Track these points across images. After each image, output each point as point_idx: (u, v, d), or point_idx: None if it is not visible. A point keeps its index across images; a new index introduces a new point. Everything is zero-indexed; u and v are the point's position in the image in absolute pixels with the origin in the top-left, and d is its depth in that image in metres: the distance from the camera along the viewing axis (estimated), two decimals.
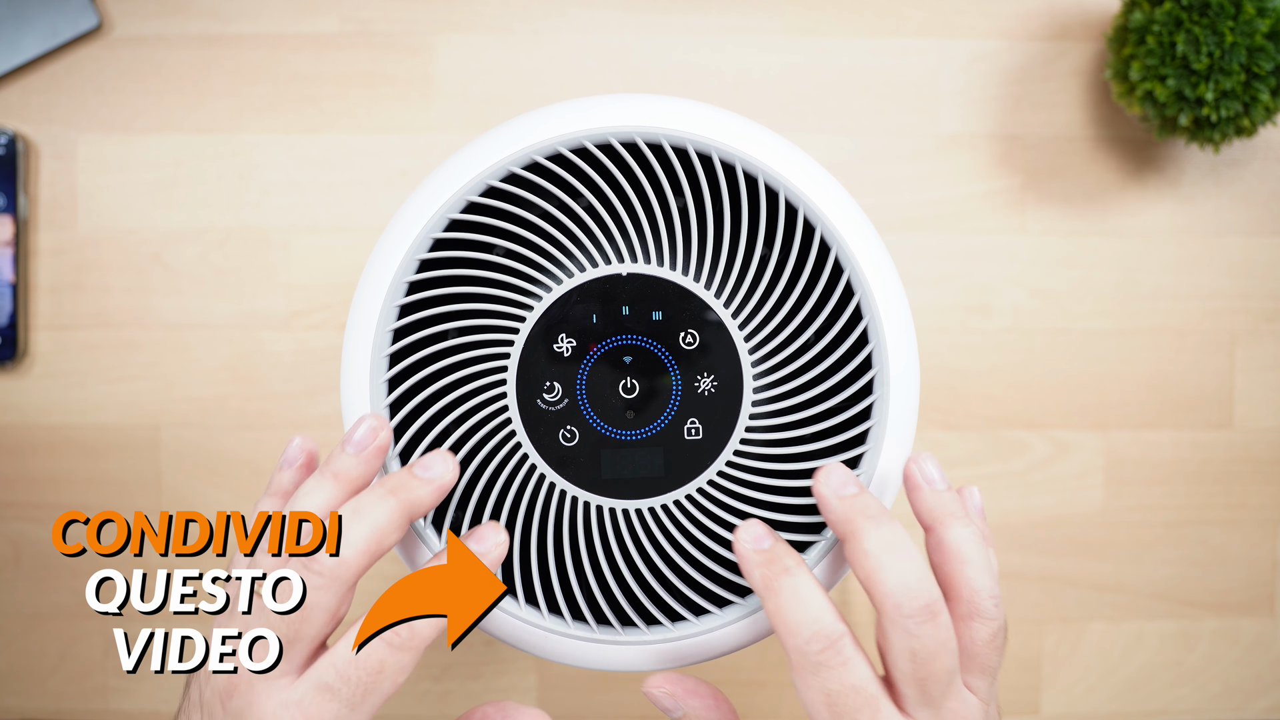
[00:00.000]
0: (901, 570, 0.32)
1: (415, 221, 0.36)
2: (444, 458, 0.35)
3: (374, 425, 0.35)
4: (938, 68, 0.58)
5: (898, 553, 0.32)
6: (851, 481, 0.34)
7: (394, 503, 0.33)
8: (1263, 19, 0.50)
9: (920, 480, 0.35)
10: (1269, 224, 0.59)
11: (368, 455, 0.35)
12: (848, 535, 0.33)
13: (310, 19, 0.58)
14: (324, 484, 0.34)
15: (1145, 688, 0.60)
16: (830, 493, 0.34)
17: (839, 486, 0.34)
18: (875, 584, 0.32)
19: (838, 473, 0.34)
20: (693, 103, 0.37)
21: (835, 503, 0.34)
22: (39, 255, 0.58)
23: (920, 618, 0.31)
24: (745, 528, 0.34)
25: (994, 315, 0.59)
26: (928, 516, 0.35)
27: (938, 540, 0.34)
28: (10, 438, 0.58)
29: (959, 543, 0.34)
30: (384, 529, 0.33)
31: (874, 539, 0.32)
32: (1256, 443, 0.59)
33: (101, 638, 0.58)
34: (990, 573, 0.34)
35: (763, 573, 0.33)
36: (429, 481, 0.34)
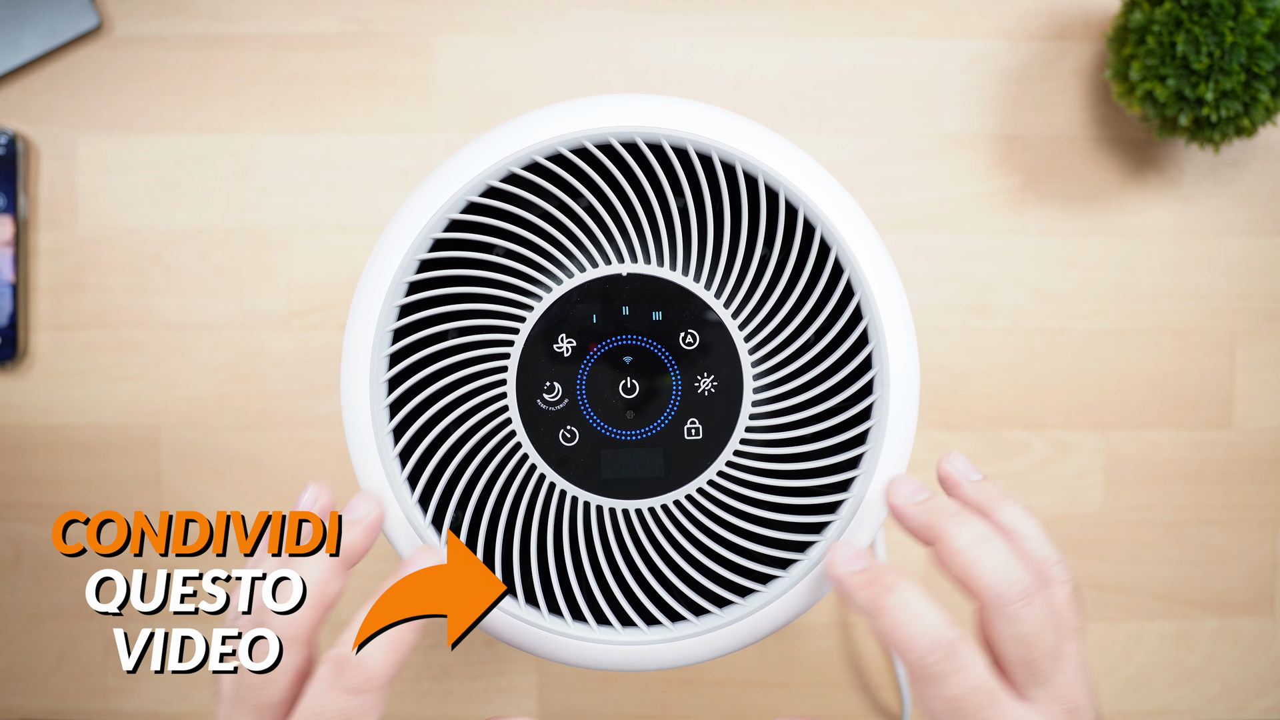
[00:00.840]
0: (994, 561, 0.33)
1: (415, 221, 0.36)
2: (365, 499, 0.35)
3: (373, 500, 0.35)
4: (938, 68, 0.58)
5: (986, 544, 0.33)
6: (921, 488, 0.35)
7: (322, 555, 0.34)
8: (1263, 19, 0.50)
9: (958, 478, 0.37)
10: (1269, 224, 0.59)
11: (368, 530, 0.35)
12: (934, 539, 0.34)
13: (310, 19, 0.58)
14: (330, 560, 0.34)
15: (1145, 688, 0.60)
16: (904, 502, 0.35)
17: (911, 495, 0.35)
18: (973, 578, 0.33)
19: (906, 483, 0.35)
20: (693, 103, 0.37)
21: (913, 510, 0.35)
22: (39, 255, 0.58)
23: (1022, 602, 0.32)
24: (837, 551, 0.34)
25: (994, 315, 0.59)
26: (974, 508, 0.36)
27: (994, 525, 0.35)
28: (10, 438, 0.58)
29: (1014, 521, 0.35)
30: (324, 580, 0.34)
31: (961, 537, 0.33)
32: (1256, 443, 0.59)
33: (101, 638, 0.58)
34: (1047, 540, 0.35)
35: (868, 594, 0.33)
36: (355, 524, 0.35)
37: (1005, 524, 0.35)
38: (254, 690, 0.33)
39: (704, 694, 0.59)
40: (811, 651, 0.59)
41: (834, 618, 0.59)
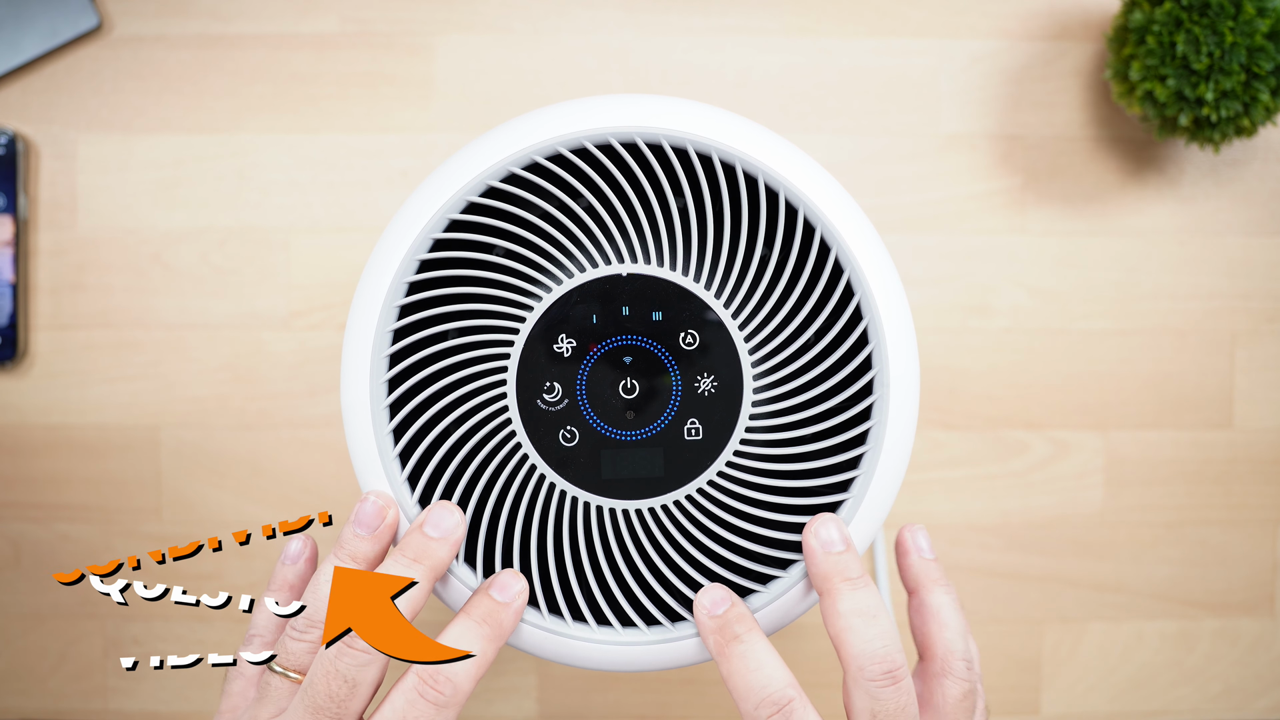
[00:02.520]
0: (869, 636, 0.34)
1: (415, 222, 0.36)
2: (449, 511, 0.35)
3: (379, 504, 0.36)
4: (938, 68, 0.58)
5: (869, 619, 0.34)
6: (840, 540, 0.35)
7: (420, 570, 0.34)
8: (1263, 19, 0.50)
9: (911, 547, 0.38)
10: (1269, 224, 0.59)
11: (380, 534, 0.35)
12: (824, 592, 0.35)
13: (310, 19, 0.58)
14: None
15: (1145, 688, 0.60)
16: (819, 546, 0.35)
17: (827, 542, 0.35)
18: (843, 644, 0.34)
19: (829, 527, 0.35)
20: (693, 103, 0.37)
21: (820, 558, 0.35)
22: (39, 255, 0.58)
23: (883, 682, 0.33)
24: (703, 593, 0.35)
25: (994, 315, 0.59)
26: (913, 580, 0.38)
27: (920, 602, 0.37)
28: (10, 438, 0.58)
29: (939, 606, 0.37)
30: (416, 598, 0.34)
31: (848, 601, 0.34)
32: (1256, 443, 0.59)
33: (101, 638, 0.58)
34: (966, 638, 0.36)
35: (715, 640, 0.35)
36: (443, 540, 0.35)
37: (931, 606, 0.37)
38: (337, 700, 0.33)
39: (704, 694, 0.59)
40: (811, 651, 0.59)
41: None
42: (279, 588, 0.37)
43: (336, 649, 0.33)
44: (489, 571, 0.37)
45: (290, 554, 0.37)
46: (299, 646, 0.34)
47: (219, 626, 0.58)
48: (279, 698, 0.34)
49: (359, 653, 0.32)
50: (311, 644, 0.34)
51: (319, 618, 0.34)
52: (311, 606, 0.34)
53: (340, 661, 0.32)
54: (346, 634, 0.32)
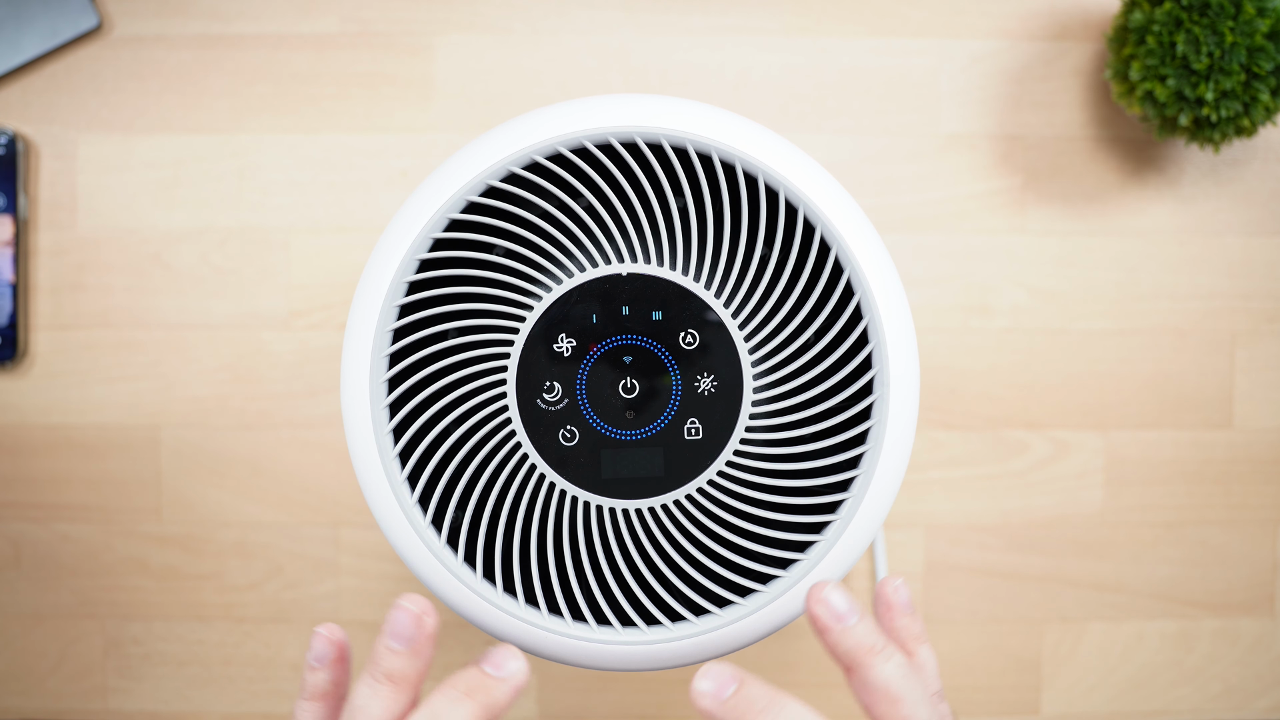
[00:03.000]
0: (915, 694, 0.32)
1: (415, 221, 0.36)
2: (513, 655, 0.32)
3: (414, 612, 0.32)
4: (938, 68, 0.58)
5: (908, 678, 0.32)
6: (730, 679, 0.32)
7: (472, 707, 0.31)
8: (1263, 19, 0.50)
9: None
10: (1269, 224, 0.59)
11: (419, 647, 0.32)
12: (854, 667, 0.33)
13: (310, 19, 0.58)
14: (379, 690, 0.31)
15: (1145, 688, 0.60)
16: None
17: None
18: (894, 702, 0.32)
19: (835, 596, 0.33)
20: (693, 103, 0.37)
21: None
22: (39, 255, 0.58)
23: None
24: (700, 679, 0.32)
25: (994, 315, 0.59)
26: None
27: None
28: (10, 438, 0.58)
29: (885, 681, 0.32)
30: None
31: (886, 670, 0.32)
32: (1256, 443, 0.59)
33: (101, 638, 0.58)
34: (925, 700, 0.32)
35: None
36: (504, 681, 0.31)
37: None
38: None
39: None
40: (811, 651, 0.59)
41: None
42: (312, 696, 0.33)
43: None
44: (489, 572, 0.37)
45: (317, 654, 0.33)
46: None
47: (219, 627, 0.58)
48: None
49: None
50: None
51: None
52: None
53: None
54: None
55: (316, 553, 0.58)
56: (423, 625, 0.32)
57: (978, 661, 0.59)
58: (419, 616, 0.32)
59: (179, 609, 0.58)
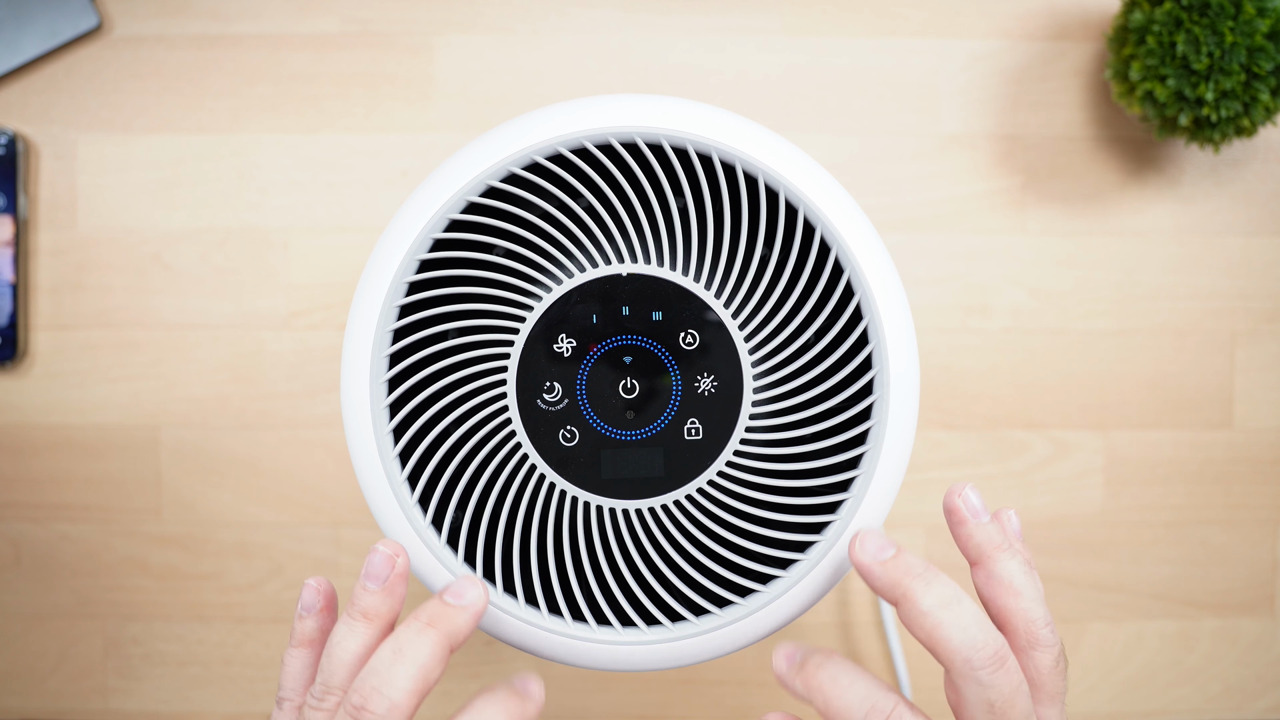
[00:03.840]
0: (964, 625, 0.32)
1: (415, 222, 0.36)
2: (473, 583, 0.34)
3: (388, 554, 0.34)
4: (938, 68, 0.58)
5: (955, 607, 0.32)
6: (888, 544, 0.34)
7: (434, 636, 0.32)
8: (1263, 19, 0.50)
9: (966, 514, 0.35)
10: (1269, 224, 0.59)
11: (391, 586, 0.34)
12: (899, 599, 0.33)
13: (310, 19, 0.58)
14: (355, 627, 0.33)
15: (1145, 688, 0.60)
16: (870, 559, 0.33)
17: (876, 551, 0.34)
18: (940, 642, 0.32)
19: (872, 538, 0.34)
20: (693, 103, 0.37)
21: (878, 569, 0.33)
22: (39, 255, 0.58)
23: (991, 667, 0.31)
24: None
25: (994, 315, 0.59)
26: (975, 551, 0.35)
27: (987, 574, 0.34)
28: (10, 438, 0.58)
29: (1010, 575, 0.34)
30: (428, 666, 0.32)
31: (928, 598, 0.32)
32: (1256, 443, 0.59)
33: (101, 638, 0.58)
34: (1042, 600, 0.34)
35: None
36: (464, 609, 0.33)
37: (1001, 576, 0.34)
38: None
39: (704, 694, 0.59)
40: None
41: (834, 618, 0.59)
42: (300, 643, 0.35)
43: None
44: (489, 572, 0.37)
45: (305, 603, 0.36)
46: (317, 717, 0.33)
47: (219, 627, 0.58)
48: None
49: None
50: (329, 713, 0.33)
51: (334, 683, 0.33)
52: (325, 672, 0.33)
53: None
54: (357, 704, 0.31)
55: (316, 553, 0.58)
56: (395, 565, 0.34)
57: None
58: (392, 557, 0.34)
59: (179, 609, 0.58)
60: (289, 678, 0.35)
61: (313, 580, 0.36)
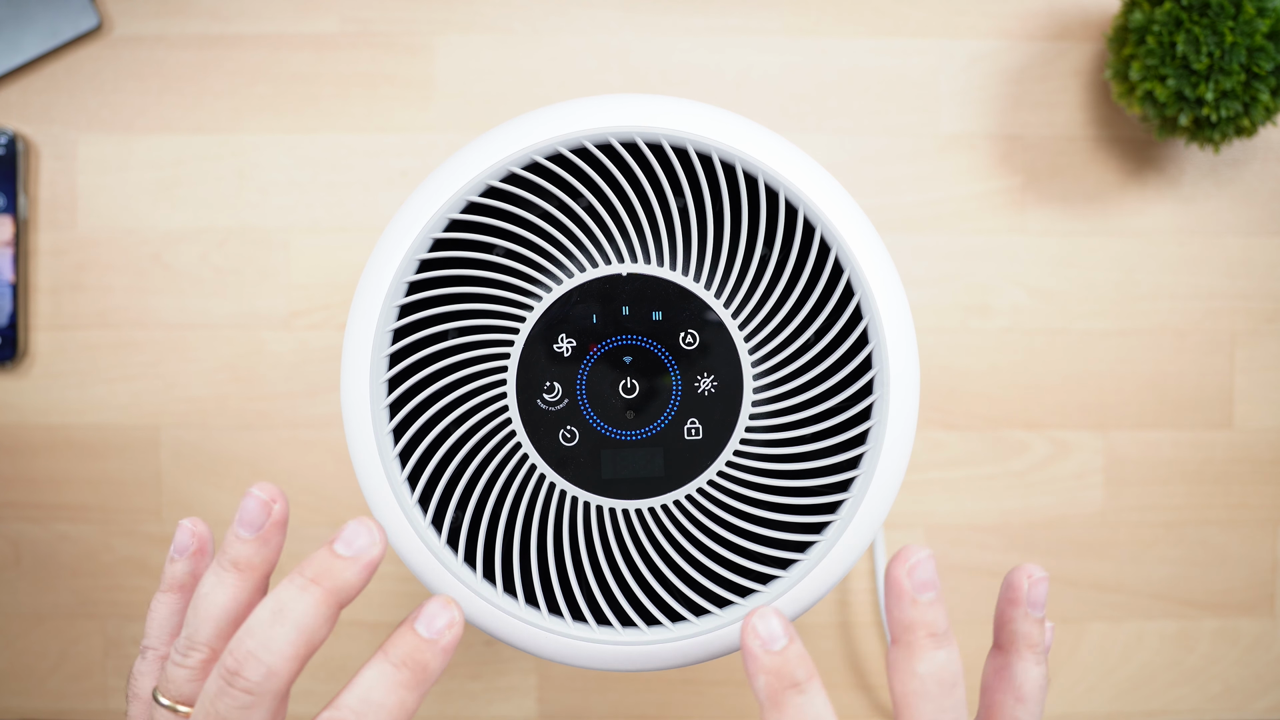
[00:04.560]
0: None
1: (415, 222, 0.36)
2: (367, 528, 0.30)
3: (263, 498, 0.31)
4: (938, 68, 0.58)
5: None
6: (783, 633, 0.30)
7: (318, 593, 0.29)
8: (1263, 19, 0.50)
9: (1024, 599, 0.33)
10: (1269, 224, 0.59)
11: (266, 535, 0.31)
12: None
13: (310, 19, 0.58)
14: (225, 577, 0.30)
15: (1145, 688, 0.60)
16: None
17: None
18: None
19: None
20: (693, 103, 0.37)
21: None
22: (39, 255, 0.58)
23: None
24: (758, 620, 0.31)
25: (994, 315, 0.59)
26: (1009, 637, 0.33)
27: (1005, 664, 0.33)
28: (10, 438, 0.58)
29: (1026, 680, 0.32)
30: (312, 627, 0.29)
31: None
32: (1256, 443, 0.59)
33: (101, 638, 0.58)
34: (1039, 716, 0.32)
35: (769, 682, 0.30)
36: (354, 560, 0.30)
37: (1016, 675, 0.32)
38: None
39: (704, 694, 0.59)
40: (811, 651, 0.59)
41: (834, 618, 0.59)
42: (169, 588, 0.33)
43: (216, 687, 0.28)
44: (489, 572, 0.37)
45: (178, 544, 0.33)
46: (180, 674, 0.30)
47: None
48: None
49: (240, 693, 0.28)
50: (193, 670, 0.30)
51: (200, 638, 0.30)
52: (190, 625, 0.30)
53: (220, 702, 0.28)
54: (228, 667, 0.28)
55: None
56: (271, 512, 0.31)
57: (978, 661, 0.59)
58: (267, 503, 0.31)
59: None
60: (154, 625, 0.32)
61: (187, 521, 0.33)
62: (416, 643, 0.30)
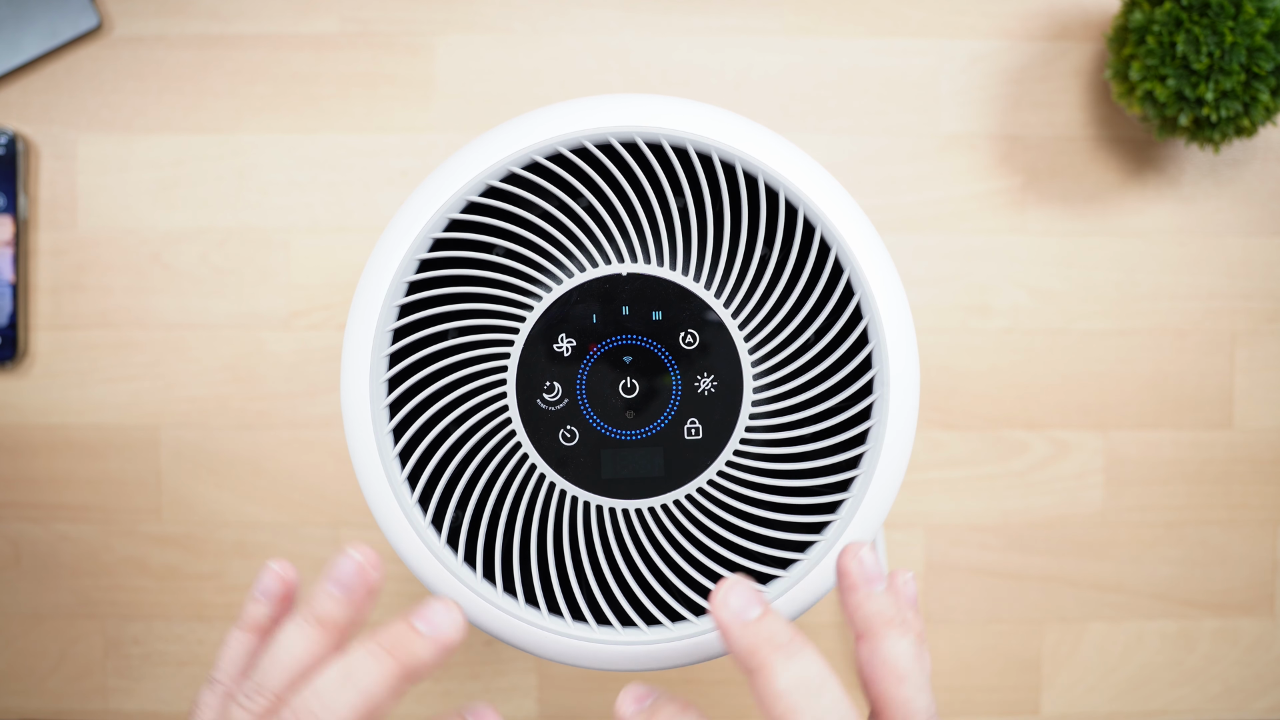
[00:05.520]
0: (819, 713, 0.28)
1: (415, 221, 0.36)
2: (448, 609, 0.30)
3: (360, 563, 0.31)
4: (938, 68, 0.58)
5: (816, 695, 0.28)
6: (755, 601, 0.30)
7: (390, 664, 0.29)
8: (1263, 19, 0.50)
9: (857, 579, 0.31)
10: (1269, 224, 0.59)
11: (356, 599, 0.31)
12: (754, 670, 0.29)
13: (310, 19, 0.58)
14: (306, 631, 0.30)
15: (1145, 688, 0.60)
16: (730, 617, 0.29)
17: (741, 608, 0.29)
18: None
19: (738, 592, 0.30)
20: (693, 103, 0.37)
21: (738, 630, 0.29)
22: (39, 255, 0.58)
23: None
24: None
25: (994, 315, 0.59)
26: (863, 623, 0.31)
27: (871, 651, 0.31)
28: (10, 438, 0.58)
29: (896, 657, 0.30)
30: (377, 697, 0.29)
31: (786, 676, 0.28)
32: (1256, 443, 0.59)
33: (102, 638, 0.58)
34: (927, 688, 0.30)
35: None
36: (431, 640, 0.30)
37: (885, 655, 0.30)
38: None
39: (704, 694, 0.59)
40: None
41: (834, 618, 0.59)
42: (247, 627, 0.33)
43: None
44: (489, 572, 0.37)
45: (264, 587, 0.33)
46: (242, 716, 0.30)
47: (220, 627, 0.58)
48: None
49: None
50: (255, 716, 0.29)
51: (269, 686, 0.30)
52: (262, 671, 0.30)
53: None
54: None
55: (316, 553, 0.58)
56: (365, 576, 0.31)
57: (978, 661, 0.59)
58: (363, 567, 0.31)
59: (179, 609, 0.58)
60: (226, 660, 0.32)
61: (276, 564, 0.33)
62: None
